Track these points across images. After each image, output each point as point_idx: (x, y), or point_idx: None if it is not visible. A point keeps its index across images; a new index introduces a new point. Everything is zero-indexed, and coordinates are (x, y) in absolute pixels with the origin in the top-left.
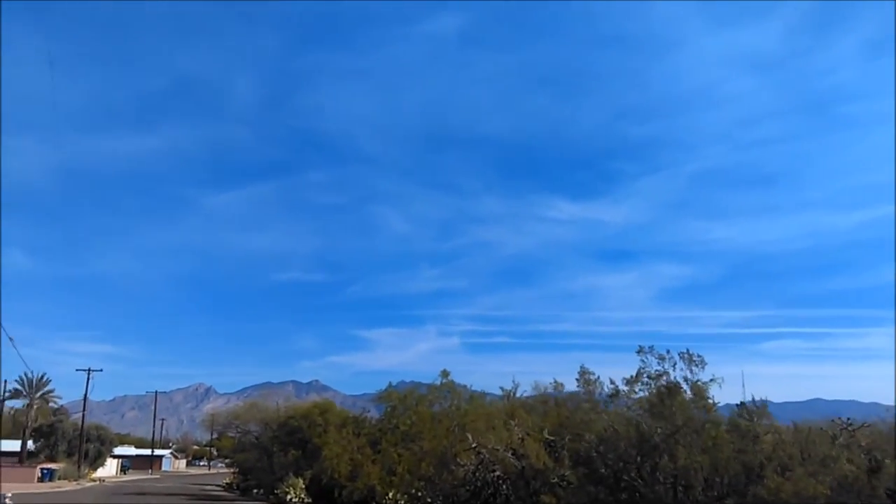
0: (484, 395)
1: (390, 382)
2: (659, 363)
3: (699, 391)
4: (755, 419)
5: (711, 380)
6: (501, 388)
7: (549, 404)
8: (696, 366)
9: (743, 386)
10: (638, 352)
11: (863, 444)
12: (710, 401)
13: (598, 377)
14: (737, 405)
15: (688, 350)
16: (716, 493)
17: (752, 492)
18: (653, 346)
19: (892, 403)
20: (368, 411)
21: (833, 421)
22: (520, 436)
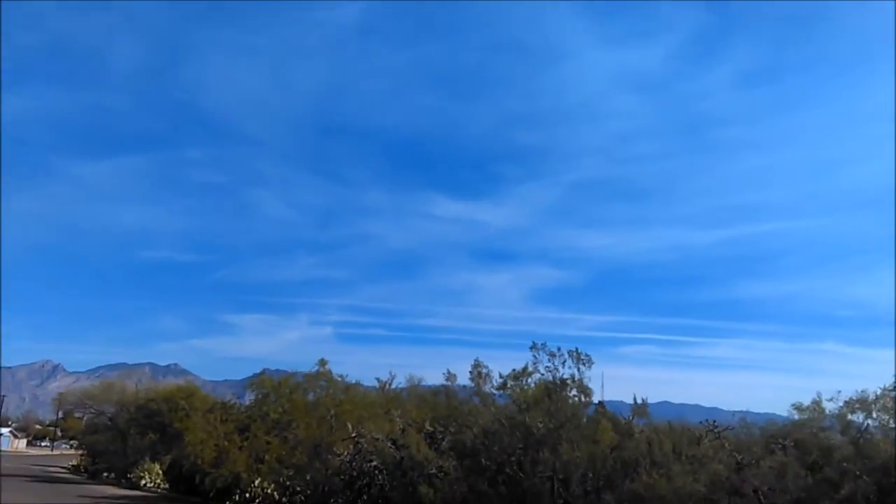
0: (359, 385)
1: (264, 369)
2: (550, 360)
3: (584, 389)
4: (633, 417)
5: (579, 378)
6: (377, 380)
7: (440, 395)
8: (584, 364)
9: (602, 387)
10: (531, 348)
11: (727, 445)
12: (591, 398)
13: (489, 370)
14: (595, 404)
15: (577, 349)
16: (591, 487)
17: (628, 487)
18: (545, 342)
19: (731, 409)
20: (238, 397)
21: (703, 423)
22: (401, 426)
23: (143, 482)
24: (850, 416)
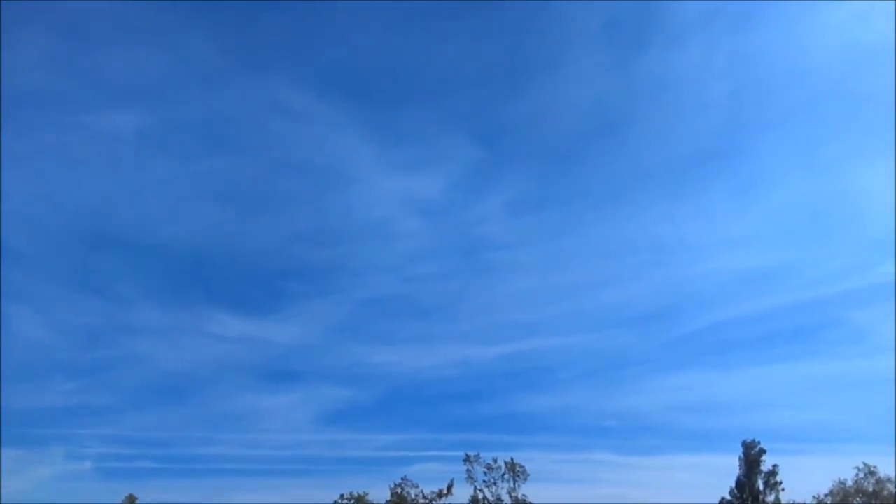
0: None
1: None
2: (486, 473)
3: None
4: None
5: (518, 496)
6: None
7: None
8: (520, 477)
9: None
10: (465, 460)
11: None
12: None
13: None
14: None
15: (512, 459)
16: None
17: None
18: (479, 454)
19: None
20: None
21: None
22: None
23: None
24: None
